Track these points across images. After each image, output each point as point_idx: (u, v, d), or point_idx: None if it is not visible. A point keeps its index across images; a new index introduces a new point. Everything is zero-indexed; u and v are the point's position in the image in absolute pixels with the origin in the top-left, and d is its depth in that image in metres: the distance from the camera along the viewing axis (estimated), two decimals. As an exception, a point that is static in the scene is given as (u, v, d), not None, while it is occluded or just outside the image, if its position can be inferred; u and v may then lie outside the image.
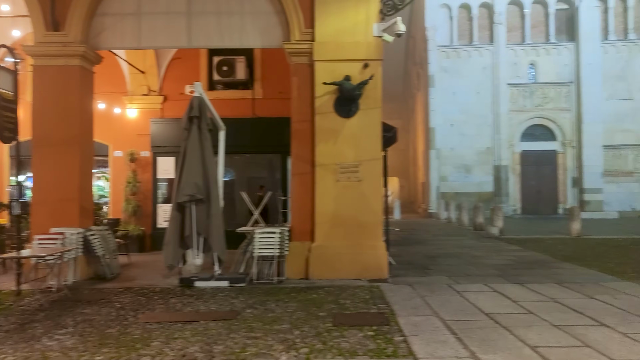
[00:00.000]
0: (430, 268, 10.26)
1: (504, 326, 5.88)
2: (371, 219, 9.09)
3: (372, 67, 9.08)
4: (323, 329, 5.85)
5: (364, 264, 8.91)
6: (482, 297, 7.45)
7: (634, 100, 25.72)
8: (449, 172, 26.80)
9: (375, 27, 9.10)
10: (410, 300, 7.26)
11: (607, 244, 14.07)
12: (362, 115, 9.13)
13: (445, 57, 26.82)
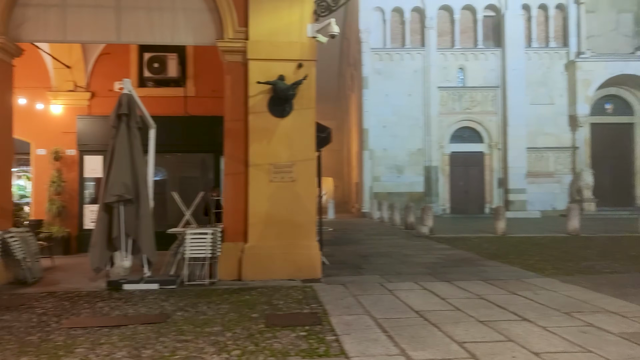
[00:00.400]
0: (363, 267, 10.39)
1: (433, 323, 6.03)
2: (305, 219, 9.12)
3: (306, 67, 9.10)
4: (255, 330, 5.81)
5: (298, 264, 8.92)
6: (412, 295, 7.62)
7: (555, 105, 27.09)
8: (382, 172, 27.28)
9: (309, 28, 9.13)
10: (343, 299, 7.33)
11: (529, 241, 14.75)
12: (296, 115, 9.14)
13: (379, 60, 27.29)
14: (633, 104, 27.44)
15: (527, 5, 27.12)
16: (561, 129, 27.05)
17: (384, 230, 19.59)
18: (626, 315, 6.30)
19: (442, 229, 18.45)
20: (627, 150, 27.62)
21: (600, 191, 26.30)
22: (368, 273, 9.67)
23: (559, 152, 27.11)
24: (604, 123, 27.49)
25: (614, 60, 26.33)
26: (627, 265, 10.51)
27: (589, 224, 19.95)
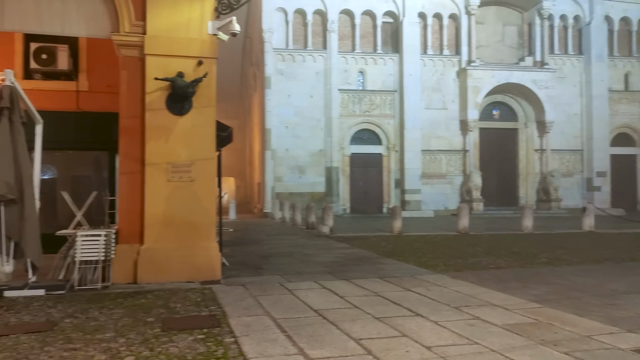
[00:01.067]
0: (263, 268, 10.38)
1: (331, 321, 6.14)
2: (204, 219, 8.95)
3: (206, 65, 8.93)
4: (151, 334, 5.62)
5: (197, 265, 8.74)
6: (311, 294, 7.71)
7: (447, 110, 28.52)
8: (284, 172, 27.38)
9: (210, 25, 8.98)
10: (243, 300, 7.27)
11: (423, 240, 15.43)
12: (195, 114, 8.95)
13: (281, 60, 27.38)
14: (517, 110, 29.51)
15: (423, 13, 28.35)
16: (453, 132, 28.54)
17: (285, 230, 19.67)
18: (508, 308, 6.76)
19: (342, 229, 18.83)
20: (512, 154, 29.66)
21: (488, 192, 28.04)
22: (268, 273, 9.66)
23: (451, 155, 28.59)
24: (492, 128, 29.33)
25: (500, 69, 28.19)
26: (510, 261, 11.28)
27: (477, 223, 21.19)
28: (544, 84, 28.29)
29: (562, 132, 29.41)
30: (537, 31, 29.16)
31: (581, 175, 29.74)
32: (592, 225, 18.47)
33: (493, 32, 29.74)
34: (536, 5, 28.86)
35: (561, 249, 13.13)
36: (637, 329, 5.83)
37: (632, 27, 30.31)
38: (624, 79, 30.40)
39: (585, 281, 8.84)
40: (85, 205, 9.42)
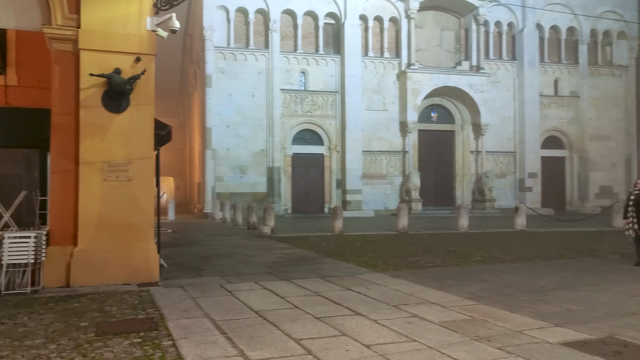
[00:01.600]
0: (203, 269, 10.22)
1: (271, 322, 6.12)
2: (141, 220, 8.72)
3: (144, 62, 8.71)
4: (84, 340, 5.42)
5: (134, 267, 8.51)
6: (252, 295, 7.66)
7: (388, 112, 28.98)
8: (225, 172, 27.05)
9: (149, 21, 8.76)
10: (181, 302, 7.14)
11: (363, 239, 15.62)
12: (133, 111, 8.71)
13: (223, 59, 27.04)
14: (454, 113, 30.34)
15: (365, 16, 28.69)
16: (393, 134, 29.03)
17: (225, 230, 19.46)
18: (445, 306, 6.95)
19: (284, 229, 18.80)
20: (449, 155, 30.47)
21: (426, 192, 28.68)
22: (208, 274, 9.53)
23: (391, 156, 29.07)
24: (430, 130, 30.03)
25: (439, 72, 28.90)
26: (447, 259, 11.60)
27: (416, 222, 21.66)
28: (480, 87, 29.22)
29: (497, 135, 30.48)
30: (473, 37, 30.09)
31: (514, 176, 30.91)
32: (524, 225, 19.23)
33: (432, 37, 30.46)
34: (472, 12, 29.77)
35: (495, 248, 13.60)
36: (565, 323, 6.11)
37: (561, 35, 31.75)
38: (553, 84, 31.80)
39: (517, 278, 9.19)
40: (13, 205, 8.98)
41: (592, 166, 32.00)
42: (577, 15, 31.61)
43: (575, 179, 31.83)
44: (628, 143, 32.66)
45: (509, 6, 30.34)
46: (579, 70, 31.91)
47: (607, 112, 32.43)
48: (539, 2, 30.63)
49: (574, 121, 31.88)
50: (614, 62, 32.96)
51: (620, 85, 32.77)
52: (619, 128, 32.62)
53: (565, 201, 31.96)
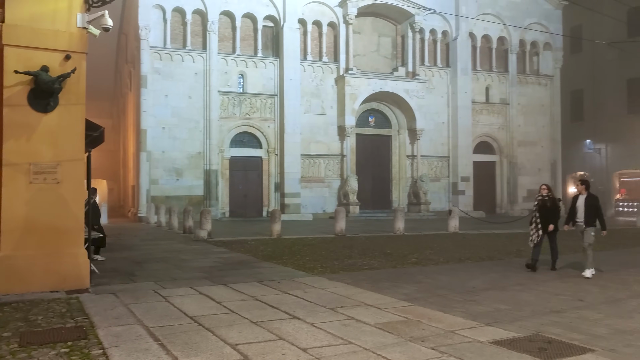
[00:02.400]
0: (136, 274, 9.95)
1: (207, 328, 6.02)
2: (71, 224, 8.39)
3: (75, 60, 8.39)
4: (7, 351, 5.15)
5: (62, 274, 8.16)
6: (187, 300, 7.51)
7: (326, 115, 29.18)
8: (160, 175, 26.43)
9: (80, 18, 8.45)
10: (113, 309, 6.91)
11: (301, 243, 15.64)
12: (62, 111, 8.36)
13: (159, 59, 26.43)
14: (391, 118, 30.91)
15: (304, 20, 28.78)
16: (331, 137, 29.25)
17: (161, 235, 19.01)
18: (381, 307, 7.05)
19: (221, 233, 18.56)
20: (386, 159, 31.01)
21: (363, 195, 29.05)
22: (142, 280, 9.28)
23: (329, 159, 29.28)
24: (367, 134, 30.46)
25: (376, 78, 29.37)
26: (383, 261, 11.79)
27: (354, 225, 21.89)
28: (415, 93, 29.92)
29: (431, 140, 31.29)
30: (409, 43, 30.76)
31: (447, 180, 31.81)
32: (457, 227, 19.82)
33: (369, 42, 30.94)
34: (409, 19, 30.44)
35: (429, 250, 13.95)
36: (494, 322, 6.34)
37: (492, 44, 32.99)
38: (485, 91, 32.99)
39: (450, 279, 9.46)
40: None
41: (521, 170, 33.40)
42: (506, 26, 32.94)
43: (504, 182, 33.11)
44: (553, 149, 34.30)
45: (443, 15, 31.22)
46: (508, 78, 33.26)
47: (534, 119, 33.97)
48: (471, 11, 31.69)
49: (503, 127, 33.18)
50: (540, 72, 34.55)
51: (546, 94, 34.40)
52: (545, 134, 34.21)
53: (496, 204, 33.18)
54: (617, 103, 36.30)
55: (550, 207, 10.55)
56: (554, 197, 10.81)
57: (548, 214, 10.49)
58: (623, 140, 35.63)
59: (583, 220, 9.97)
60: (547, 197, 10.62)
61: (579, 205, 10.08)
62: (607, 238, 17.19)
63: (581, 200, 10.09)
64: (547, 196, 10.62)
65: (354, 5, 28.99)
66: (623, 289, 8.61)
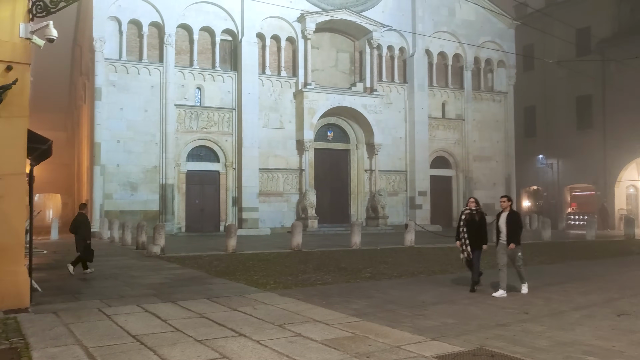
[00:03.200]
0: (82, 292, 9.65)
1: (149, 347, 5.86)
2: (11, 240, 8.08)
3: (17, 71, 8.13)
4: None
5: (0, 292, 7.83)
6: (132, 318, 7.31)
7: (285, 129, 29.16)
8: (115, 189, 25.85)
9: (23, 28, 8.21)
10: (52, 329, 6.66)
11: (256, 258, 15.48)
12: (3, 124, 8.09)
13: (114, 71, 25.96)
14: (349, 132, 31.13)
15: (262, 34, 28.78)
16: (290, 152, 29.22)
17: (113, 251, 18.53)
18: (329, 323, 7.01)
19: (176, 248, 18.23)
20: (344, 174, 31.15)
21: (322, 209, 29.07)
22: (87, 298, 9.01)
23: (288, 174, 29.22)
24: (326, 148, 30.57)
25: (334, 93, 29.55)
26: (337, 276, 11.76)
27: (311, 240, 21.85)
28: (373, 108, 30.23)
29: (389, 154, 31.60)
30: (367, 59, 31.13)
31: (405, 194, 32.13)
32: (412, 241, 20.00)
33: (328, 57, 31.17)
34: (366, 35, 30.82)
35: (383, 264, 14.00)
36: (440, 336, 6.38)
37: (448, 61, 33.67)
38: (441, 107, 33.59)
39: (401, 294, 9.49)
40: None
41: (476, 185, 34.02)
42: (462, 44, 33.70)
43: (461, 197, 33.62)
44: (507, 163, 35.11)
45: (400, 32, 31.75)
46: (464, 94, 33.96)
47: (489, 135, 34.74)
48: (427, 29, 32.32)
49: (459, 142, 33.80)
50: (495, 89, 35.41)
51: (500, 110, 35.26)
52: (499, 150, 35.01)
53: (452, 218, 33.57)
54: (567, 120, 37.56)
55: (479, 222, 9.83)
56: (482, 211, 10.02)
57: (476, 229, 9.78)
58: (573, 156, 36.81)
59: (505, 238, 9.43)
60: (475, 211, 9.89)
61: (502, 224, 9.55)
62: (555, 251, 17.72)
63: (503, 217, 9.58)
64: (475, 210, 9.90)
65: (313, 21, 29.19)
66: (567, 302, 8.80)
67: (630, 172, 35.53)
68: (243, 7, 28.04)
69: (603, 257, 16.14)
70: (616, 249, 18.81)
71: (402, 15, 32.01)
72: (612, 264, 14.52)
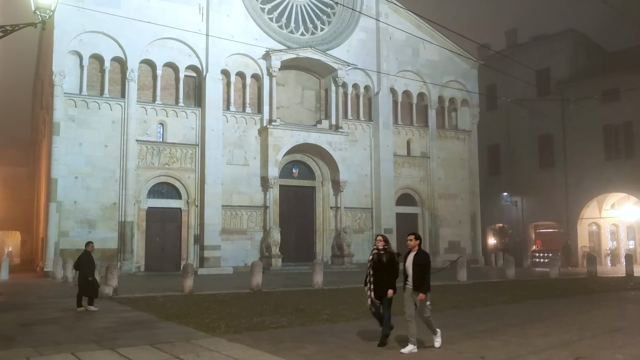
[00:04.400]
0: (16, 339, 9.01)
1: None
2: None
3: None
4: None
5: None
6: (61, 369, 6.76)
7: (249, 166, 28.80)
8: (72, 227, 24.96)
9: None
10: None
11: (212, 299, 14.90)
12: None
13: (73, 106, 25.40)
14: (315, 169, 30.95)
15: (227, 71, 28.66)
16: (254, 189, 28.81)
17: (64, 292, 17.71)
18: (273, 372, 6.58)
19: (131, 289, 17.52)
20: (310, 211, 30.82)
21: (287, 247, 28.55)
22: (20, 345, 8.39)
23: (252, 211, 28.74)
24: (291, 185, 30.28)
25: (299, 130, 29.45)
26: (293, 318, 11.31)
27: (273, 279, 21.31)
28: (339, 146, 30.18)
29: (355, 191, 31.45)
30: (332, 97, 31.22)
31: (371, 232, 31.82)
32: (376, 280, 19.62)
33: (293, 95, 31.20)
34: (332, 73, 30.99)
35: (343, 305, 13.59)
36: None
37: (412, 99, 34.00)
38: (406, 145, 33.74)
39: (355, 337, 9.11)
40: None
41: (442, 222, 34.03)
42: (426, 83, 34.18)
43: (427, 234, 33.52)
44: (472, 201, 35.29)
45: (365, 70, 32.07)
46: (428, 132, 34.24)
47: (454, 173, 34.96)
48: (392, 68, 32.73)
49: (425, 180, 33.90)
50: (459, 127, 35.83)
51: (464, 148, 35.63)
52: (464, 187, 35.21)
53: (420, 255, 33.45)
54: (530, 158, 38.27)
55: (387, 264, 8.56)
56: (392, 250, 8.83)
57: (383, 272, 8.52)
58: (537, 194, 37.37)
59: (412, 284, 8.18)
60: (384, 250, 8.71)
61: (408, 266, 8.31)
62: (518, 289, 17.57)
63: (410, 259, 8.34)
64: (383, 250, 8.71)
65: (278, 59, 29.26)
66: (525, 344, 8.55)
67: (591, 209, 36.17)
68: (208, 44, 27.95)
69: (564, 296, 16.04)
70: (578, 287, 18.79)
71: (367, 55, 32.36)
72: (574, 303, 14.41)
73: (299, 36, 31.10)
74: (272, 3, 30.75)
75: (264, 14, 30.28)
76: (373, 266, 8.69)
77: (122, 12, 26.06)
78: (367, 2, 32.10)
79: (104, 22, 25.71)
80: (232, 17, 28.94)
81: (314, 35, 31.50)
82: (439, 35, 33.69)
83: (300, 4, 31.49)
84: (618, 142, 33.99)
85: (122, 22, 25.75)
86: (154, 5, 27.11)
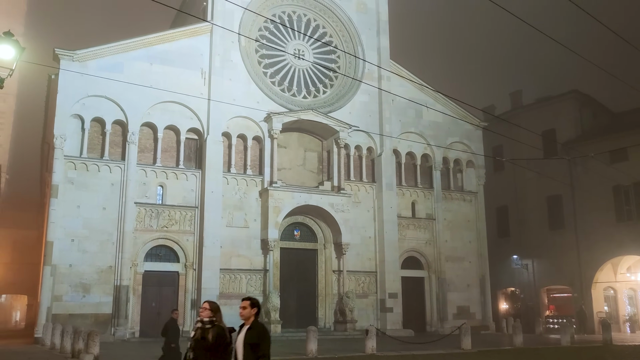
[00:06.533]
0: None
1: None
2: None
3: None
4: None
5: None
6: None
7: (249, 228, 28.36)
8: (66, 291, 24.44)
9: None
10: None
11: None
12: None
13: (73, 169, 25.47)
14: (317, 231, 30.39)
15: (228, 133, 28.75)
16: (254, 251, 28.23)
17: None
18: None
19: (116, 357, 16.81)
20: (312, 274, 30.02)
21: (287, 312, 27.64)
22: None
23: (251, 274, 28.03)
24: (292, 248, 29.67)
25: (300, 191, 29.11)
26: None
27: (268, 347, 20.33)
28: (341, 207, 29.71)
29: (358, 254, 30.70)
30: (335, 158, 31.06)
31: (375, 296, 30.83)
32: (374, 348, 18.76)
33: (295, 156, 31.12)
34: (334, 135, 30.94)
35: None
36: None
37: (416, 161, 33.70)
38: (411, 206, 33.16)
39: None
40: None
41: (450, 286, 32.91)
42: (430, 145, 33.94)
43: (434, 299, 32.44)
44: (481, 264, 34.21)
45: (367, 132, 32.01)
46: (433, 194, 33.70)
47: (461, 235, 34.12)
48: (395, 130, 32.66)
49: (430, 242, 33.07)
50: (465, 188, 35.23)
51: (471, 210, 34.91)
52: (471, 250, 34.24)
53: (426, 321, 32.23)
54: (539, 220, 37.43)
55: (213, 344, 6.45)
56: (221, 325, 6.72)
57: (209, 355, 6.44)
58: (548, 256, 36.29)
59: None
60: (210, 324, 6.65)
61: (239, 345, 6.43)
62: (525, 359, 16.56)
63: (242, 335, 6.46)
64: (209, 323, 6.66)
65: (279, 121, 29.35)
66: None
67: (606, 273, 34.87)
68: (209, 107, 28.17)
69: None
70: (588, 357, 17.66)
71: (370, 116, 32.41)
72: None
73: (301, 99, 31.32)
74: (274, 67, 31.18)
75: (266, 77, 30.66)
76: (194, 347, 6.50)
77: (125, 77, 26.45)
78: (368, 65, 32.46)
79: (106, 86, 26.04)
80: (234, 81, 29.28)
81: (316, 98, 31.71)
82: (442, 97, 33.72)
83: (302, 68, 31.88)
84: (629, 203, 33.18)
85: (124, 86, 26.06)
86: (156, 70, 27.58)
